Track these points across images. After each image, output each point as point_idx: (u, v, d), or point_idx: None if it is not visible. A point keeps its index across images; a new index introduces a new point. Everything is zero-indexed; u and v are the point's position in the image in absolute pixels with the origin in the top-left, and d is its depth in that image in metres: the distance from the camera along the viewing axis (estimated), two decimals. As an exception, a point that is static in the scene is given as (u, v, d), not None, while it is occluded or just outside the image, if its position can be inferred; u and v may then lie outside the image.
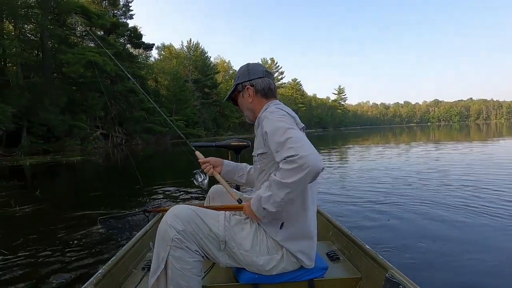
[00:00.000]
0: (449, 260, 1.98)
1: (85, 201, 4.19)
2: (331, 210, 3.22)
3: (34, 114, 18.10)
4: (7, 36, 18.67)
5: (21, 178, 7.80)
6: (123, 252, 1.41)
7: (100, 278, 1.16)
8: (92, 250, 2.31)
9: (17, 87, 17.71)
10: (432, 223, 2.72)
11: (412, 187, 4.29)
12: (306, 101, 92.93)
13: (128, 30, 31.17)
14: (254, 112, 1.27)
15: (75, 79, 21.87)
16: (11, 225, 3.10)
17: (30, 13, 19.86)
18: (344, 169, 6.47)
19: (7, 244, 2.48)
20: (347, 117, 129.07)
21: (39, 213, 3.56)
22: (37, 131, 18.47)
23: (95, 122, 24.41)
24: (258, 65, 1.30)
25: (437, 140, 16.71)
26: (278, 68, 79.78)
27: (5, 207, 3.80)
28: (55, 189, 5.70)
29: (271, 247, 1.12)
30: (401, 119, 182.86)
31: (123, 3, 31.53)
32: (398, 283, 1.06)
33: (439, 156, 8.18)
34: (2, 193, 4.93)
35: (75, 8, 23.07)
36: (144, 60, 38.03)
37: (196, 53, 50.11)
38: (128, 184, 5.86)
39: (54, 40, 22.21)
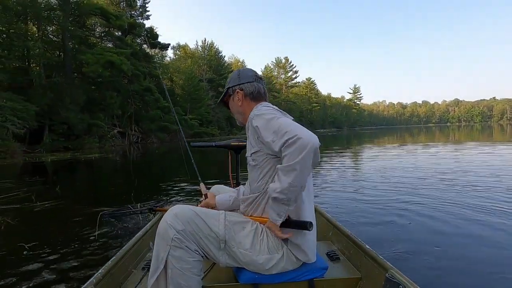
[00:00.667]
0: (454, 262, 1.97)
1: (101, 198, 4.31)
2: (337, 209, 3.22)
3: (55, 113, 18.79)
4: (31, 37, 19.47)
5: (43, 174, 8.11)
6: (123, 252, 1.42)
7: (100, 278, 1.16)
8: (97, 247, 2.36)
9: (40, 87, 18.42)
10: (446, 224, 2.68)
11: (428, 188, 4.20)
12: (320, 100, 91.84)
13: (145, 31, 31.80)
14: (243, 115, 1.31)
15: (94, 79, 22.54)
16: (30, 220, 3.21)
17: (52, 15, 20.61)
18: (357, 169, 6.34)
19: (25, 239, 2.57)
20: (362, 117, 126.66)
21: (57, 208, 3.68)
22: (58, 129, 19.17)
23: (113, 120, 25.05)
24: (249, 70, 1.33)
25: (457, 141, 16.11)
26: (292, 67, 79.24)
27: (27, 202, 3.95)
28: (74, 185, 5.90)
29: (271, 246, 1.12)
30: (419, 119, 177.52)
31: (140, 4, 32.18)
32: (398, 283, 1.06)
33: (458, 157, 7.89)
34: (24, 188, 5.14)
35: (94, 10, 23.76)
36: (159, 60, 38.71)
37: (211, 52, 50.53)
38: (143, 181, 5.98)
39: (75, 41, 22.96)
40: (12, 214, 3.35)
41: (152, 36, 32.72)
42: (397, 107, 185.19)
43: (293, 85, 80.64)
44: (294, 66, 79.28)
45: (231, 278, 1.31)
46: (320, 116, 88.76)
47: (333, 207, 3.36)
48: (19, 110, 14.73)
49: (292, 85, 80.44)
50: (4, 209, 3.68)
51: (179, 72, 41.13)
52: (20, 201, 4.06)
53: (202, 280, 1.13)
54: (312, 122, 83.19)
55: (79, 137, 20.39)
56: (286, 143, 0.98)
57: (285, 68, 78.72)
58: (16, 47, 17.93)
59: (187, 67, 42.58)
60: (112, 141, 23.63)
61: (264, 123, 1.08)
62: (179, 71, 41.26)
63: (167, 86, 36.13)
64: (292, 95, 76.61)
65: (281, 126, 1.02)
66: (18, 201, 4.07)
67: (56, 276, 1.90)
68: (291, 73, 79.33)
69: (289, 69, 78.99)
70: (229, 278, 1.31)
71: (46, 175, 7.93)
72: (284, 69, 78.63)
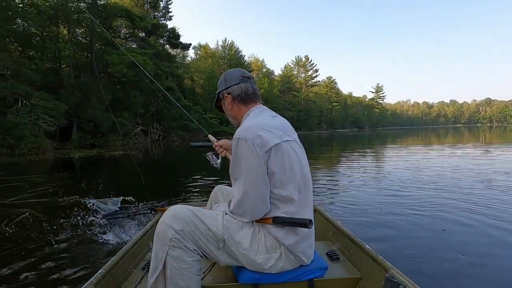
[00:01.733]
0: (457, 264, 1.97)
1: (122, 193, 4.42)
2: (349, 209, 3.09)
3: (83, 111, 19.70)
4: (62, 39, 20.52)
5: (71, 170, 8.52)
6: (123, 252, 1.42)
7: (100, 278, 1.16)
8: (98, 249, 2.38)
9: (69, 86, 19.37)
10: (479, 232, 2.55)
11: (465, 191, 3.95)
12: (341, 99, 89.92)
13: (167, 31, 32.55)
14: (236, 119, 1.31)
15: (119, 79, 23.38)
16: (55, 214, 3.34)
17: (81, 17, 21.60)
18: (375, 171, 6.11)
19: (49, 233, 2.67)
20: (385, 117, 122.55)
21: (81, 204, 3.80)
22: (85, 126, 20.09)
23: (136, 119, 25.86)
24: (235, 71, 1.31)
25: (488, 142, 15.17)
26: (313, 66, 78.10)
27: (54, 197, 4.15)
28: (98, 181, 6.11)
29: (269, 245, 1.12)
30: (446, 119, 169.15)
31: (163, 5, 32.98)
32: (398, 283, 1.06)
33: (490, 160, 7.40)
34: (53, 183, 5.41)
35: (120, 12, 24.63)
36: (181, 59, 39.50)
37: (231, 52, 50.89)
38: (161, 179, 6.11)
39: (101, 42, 23.93)
40: (40, 208, 3.52)
41: (174, 36, 33.43)
42: (422, 106, 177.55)
43: (313, 84, 79.49)
44: (314, 65, 78.21)
45: (230, 278, 1.30)
46: (340, 115, 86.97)
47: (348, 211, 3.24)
48: (50, 109, 15.55)
49: (312, 84, 79.31)
50: (34, 202, 3.88)
51: (199, 72, 41.78)
52: (49, 195, 4.27)
53: (202, 280, 1.14)
54: (332, 122, 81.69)
55: (105, 135, 21.24)
56: (235, 201, 1.12)
57: (305, 67, 77.76)
58: (48, 49, 18.94)
59: (207, 66, 43.16)
60: (135, 139, 24.40)
61: (235, 158, 1.12)
62: (200, 71, 41.90)
63: (188, 85, 36.81)
64: (312, 94, 75.58)
65: (242, 179, 1.10)
66: (47, 195, 4.28)
67: (59, 273, 1.93)
68: (311, 72, 78.27)
69: (309, 67, 77.95)
70: (228, 278, 1.31)
71: (73, 171, 8.31)
72: (304, 68, 77.71)
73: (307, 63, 77.69)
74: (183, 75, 34.80)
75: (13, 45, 17.88)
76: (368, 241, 1.49)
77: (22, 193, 4.46)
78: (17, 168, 9.01)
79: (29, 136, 13.71)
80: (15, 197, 4.22)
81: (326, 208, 3.22)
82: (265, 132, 1.10)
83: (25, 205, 3.65)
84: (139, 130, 25.73)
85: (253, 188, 1.08)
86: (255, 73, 60.06)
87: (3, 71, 14.61)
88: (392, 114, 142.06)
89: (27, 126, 13.65)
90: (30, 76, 15.95)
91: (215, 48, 51.35)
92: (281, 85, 63.22)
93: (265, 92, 49.63)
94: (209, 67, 43.14)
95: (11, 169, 8.56)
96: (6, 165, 9.69)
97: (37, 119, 14.48)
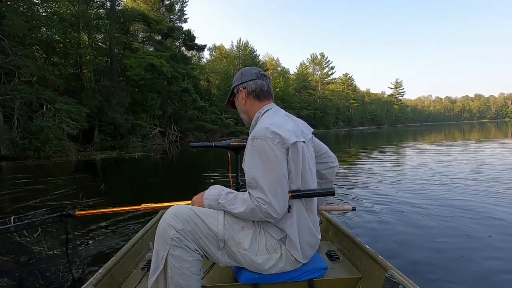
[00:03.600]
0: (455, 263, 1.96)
1: (139, 195, 4.45)
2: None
3: (103, 114, 20.33)
4: (83, 45, 21.28)
5: (92, 172, 8.76)
6: (122, 252, 1.41)
7: (99, 278, 1.16)
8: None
9: (91, 90, 20.03)
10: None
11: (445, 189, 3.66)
12: (359, 96, 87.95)
13: (183, 33, 33.02)
14: (248, 114, 1.31)
15: (137, 81, 23.95)
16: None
17: (101, 23, 22.31)
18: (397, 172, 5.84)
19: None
20: (405, 113, 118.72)
21: (98, 206, 3.84)
22: (106, 129, 20.72)
23: (154, 120, 26.41)
24: (252, 68, 1.33)
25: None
26: (329, 63, 76.89)
27: (74, 199, 4.22)
28: (117, 183, 6.26)
29: (270, 246, 1.12)
30: (471, 114, 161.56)
31: (179, 8, 33.48)
32: (398, 283, 1.06)
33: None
34: (74, 185, 5.55)
35: (137, 16, 25.22)
36: (197, 61, 39.97)
37: (246, 52, 50.97)
38: (177, 178, 6.13)
39: (120, 47, 24.61)
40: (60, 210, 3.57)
41: (190, 38, 33.86)
42: (445, 101, 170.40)
43: (329, 82, 78.26)
44: (330, 62, 76.96)
45: (231, 278, 1.30)
46: (358, 113, 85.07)
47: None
48: (73, 112, 16.13)
49: (329, 81, 78.08)
50: (55, 204, 3.97)
51: (215, 73, 42.11)
52: (69, 197, 4.36)
53: (202, 280, 1.14)
54: (350, 120, 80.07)
55: (124, 137, 21.83)
56: (257, 202, 1.05)
57: (321, 64, 76.66)
58: (70, 55, 19.68)
59: (222, 67, 43.44)
60: (154, 140, 24.92)
61: (255, 158, 1.09)
62: (215, 72, 42.24)
63: (204, 86, 37.20)
64: (328, 92, 74.39)
65: (264, 178, 1.05)
66: (67, 198, 4.38)
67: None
68: (327, 69, 77.06)
69: (325, 65, 76.79)
70: (229, 278, 1.31)
71: (94, 173, 8.54)
72: (320, 66, 76.62)
73: (323, 60, 76.56)
74: (199, 77, 35.18)
75: (38, 52, 18.71)
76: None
77: (45, 195, 4.59)
78: (43, 170, 9.39)
79: (54, 139, 14.26)
80: (38, 199, 4.34)
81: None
82: (283, 131, 1.10)
83: (47, 207, 3.71)
84: (157, 132, 26.25)
85: (280, 186, 1.06)
86: (270, 72, 59.83)
87: (30, 78, 15.29)
88: (412, 110, 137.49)
89: (52, 129, 14.20)
90: (54, 81, 16.62)
91: (230, 49, 51.67)
92: (296, 84, 62.62)
93: (280, 91, 49.28)
94: (224, 67, 43.39)
95: (37, 172, 8.92)
96: (33, 167, 10.13)
97: (61, 123, 15.05)
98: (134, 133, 22.99)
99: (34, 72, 15.68)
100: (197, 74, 34.51)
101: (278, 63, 65.48)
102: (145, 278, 1.26)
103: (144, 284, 1.19)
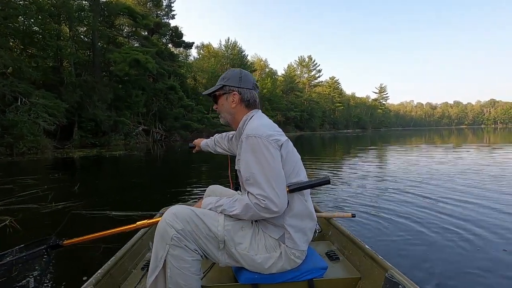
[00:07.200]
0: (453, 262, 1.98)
1: (114, 199, 4.08)
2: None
3: (84, 110, 19.45)
4: (63, 37, 20.27)
5: (67, 171, 8.20)
6: (122, 252, 1.40)
7: (99, 278, 1.15)
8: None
9: (70, 85, 19.10)
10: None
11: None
12: (344, 100, 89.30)
13: (170, 30, 32.29)
14: (233, 117, 1.31)
15: (121, 77, 23.12)
16: (37, 223, 3.00)
17: (83, 15, 21.36)
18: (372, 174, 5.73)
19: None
20: (388, 118, 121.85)
21: (67, 211, 3.41)
22: (87, 126, 19.82)
23: (138, 118, 25.60)
24: (250, 76, 1.33)
25: (492, 143, 14.70)
26: (316, 66, 77.62)
27: (42, 202, 3.76)
28: (93, 183, 5.81)
29: (269, 245, 1.14)
30: (450, 120, 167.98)
31: (166, 3, 32.70)
32: (398, 283, 1.06)
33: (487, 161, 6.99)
34: (45, 185, 5.04)
35: (122, 10, 24.38)
36: (184, 59, 39.22)
37: (234, 51, 50.54)
38: (160, 183, 5.77)
39: (103, 41, 23.68)
40: (22, 215, 3.17)
41: (177, 35, 33.17)
42: (426, 107, 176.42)
43: (316, 85, 79.00)
44: (317, 65, 77.71)
45: (230, 278, 1.29)
46: (343, 116, 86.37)
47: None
48: (50, 107, 15.27)
49: (315, 84, 78.82)
50: (18, 208, 3.51)
51: (202, 71, 41.49)
52: (36, 200, 3.88)
53: (202, 280, 1.14)
54: (335, 123, 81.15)
55: (106, 134, 20.99)
56: (257, 199, 1.06)
57: (308, 67, 77.28)
58: (49, 46, 18.68)
59: (210, 66, 42.87)
60: (137, 139, 24.14)
61: (252, 155, 1.10)
62: (203, 70, 41.62)
63: (191, 85, 36.54)
64: (315, 95, 75.07)
65: (262, 174, 1.06)
66: (34, 200, 3.90)
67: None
68: (315, 72, 77.75)
69: (313, 68, 77.43)
70: (228, 278, 1.30)
71: (71, 172, 7.99)
72: (308, 68, 77.23)
73: (310, 63, 77.19)
74: (185, 75, 34.48)
75: (14, 42, 17.65)
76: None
77: (10, 196, 4.11)
78: (15, 168, 8.71)
79: (28, 135, 13.43)
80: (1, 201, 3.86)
81: (326, 209, 3.13)
82: (274, 131, 1.17)
83: (7, 212, 3.28)
84: (141, 130, 25.46)
85: (278, 181, 1.08)
86: (258, 72, 59.68)
87: (3, 69, 14.35)
88: (395, 115, 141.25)
89: (26, 124, 13.37)
90: (30, 74, 15.71)
91: (218, 48, 51.06)
92: (284, 85, 62.74)
93: (268, 92, 49.14)
94: (212, 66, 42.83)
95: (8, 169, 8.26)
96: (4, 164, 9.41)
97: (37, 118, 14.20)
98: (117, 130, 22.14)
99: (8, 64, 14.76)
100: (184, 72, 33.84)
101: (266, 64, 65.48)
102: (144, 278, 1.24)
103: (144, 284, 1.18)
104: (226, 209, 1.14)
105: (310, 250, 1.28)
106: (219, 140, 1.75)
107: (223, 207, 1.14)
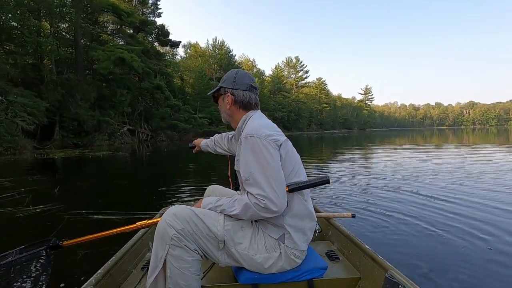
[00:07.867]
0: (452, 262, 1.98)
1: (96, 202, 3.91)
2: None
3: (66, 109, 18.77)
4: (44, 34, 19.48)
5: (47, 172, 7.85)
6: (122, 252, 1.39)
7: (99, 278, 1.15)
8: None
9: (51, 83, 18.38)
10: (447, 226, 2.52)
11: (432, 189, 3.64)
12: (331, 101, 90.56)
13: (156, 28, 31.70)
14: (231, 118, 1.32)
15: (105, 76, 22.47)
16: (12, 229, 2.82)
17: (65, 11, 20.60)
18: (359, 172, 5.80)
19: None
20: (373, 118, 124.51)
21: (44, 216, 3.22)
22: (69, 125, 19.13)
23: (123, 118, 24.96)
24: (246, 77, 1.31)
25: (471, 143, 15.25)
26: (303, 67, 78.21)
27: (19, 205, 3.54)
28: (74, 185, 5.55)
29: (269, 245, 1.14)
30: (432, 121, 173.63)
31: (152, 1, 32.09)
32: (398, 283, 1.06)
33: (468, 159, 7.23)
34: (22, 188, 4.78)
35: (106, 6, 23.71)
36: (170, 58, 38.62)
37: (221, 51, 50.24)
38: (145, 184, 5.60)
39: (86, 38, 22.94)
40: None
41: (163, 33, 32.61)
42: (409, 108, 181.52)
43: (303, 85, 79.63)
44: (305, 66, 78.34)
45: (230, 278, 1.29)
46: (330, 116, 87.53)
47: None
48: (29, 106, 14.66)
49: (303, 85, 79.44)
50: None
51: (189, 71, 41.01)
52: (12, 204, 3.65)
53: (202, 280, 1.15)
54: (322, 123, 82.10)
55: (89, 134, 20.34)
56: (253, 196, 1.06)
57: (295, 67, 77.79)
58: (28, 43, 17.90)
59: (197, 65, 42.43)
60: (122, 139, 23.54)
61: (251, 155, 1.10)
62: (190, 70, 41.14)
63: (178, 84, 36.02)
64: (303, 95, 75.70)
65: (261, 174, 1.06)
66: (10, 204, 3.67)
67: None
68: (302, 73, 78.35)
69: (300, 68, 78.00)
70: (228, 278, 1.30)
71: (51, 173, 7.65)
72: (295, 69, 77.73)
73: (298, 64, 77.74)
74: (172, 74, 33.93)
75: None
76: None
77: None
78: (-11, 169, 8.26)
79: (6, 135, 12.85)
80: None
81: (325, 209, 3.01)
82: (274, 131, 1.16)
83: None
84: (126, 130, 24.85)
85: (278, 180, 1.08)
86: (246, 73, 59.42)
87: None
88: (380, 115, 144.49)
89: (3, 124, 12.78)
90: (7, 71, 15.01)
91: (205, 47, 50.62)
92: (271, 86, 62.93)
93: (255, 92, 49.08)
94: (199, 66, 42.39)
95: (-19, 171, 7.82)
96: (-23, 166, 8.92)
97: (15, 117, 13.60)
98: (100, 130, 21.51)
99: (-17, 60, 14.06)
100: (170, 71, 33.30)
101: (254, 64, 65.48)
102: (144, 278, 1.24)
103: (144, 284, 1.17)
104: (225, 209, 1.13)
105: (310, 250, 1.27)
106: (219, 140, 1.74)
107: (223, 207, 1.14)
